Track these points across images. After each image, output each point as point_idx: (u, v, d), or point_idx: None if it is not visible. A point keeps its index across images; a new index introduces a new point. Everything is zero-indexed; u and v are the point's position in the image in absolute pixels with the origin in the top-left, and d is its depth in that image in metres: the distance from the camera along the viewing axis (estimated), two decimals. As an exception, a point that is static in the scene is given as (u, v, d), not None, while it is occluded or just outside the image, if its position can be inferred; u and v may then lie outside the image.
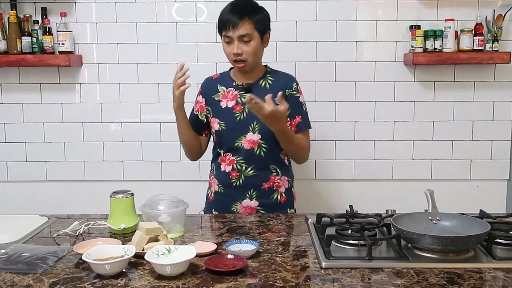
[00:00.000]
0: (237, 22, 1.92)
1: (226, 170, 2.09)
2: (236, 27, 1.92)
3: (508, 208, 2.86)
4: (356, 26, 2.77)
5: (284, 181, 2.13)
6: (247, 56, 1.97)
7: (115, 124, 2.85)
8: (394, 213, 1.80)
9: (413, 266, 1.42)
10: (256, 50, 1.98)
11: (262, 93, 1.93)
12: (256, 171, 2.06)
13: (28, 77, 2.80)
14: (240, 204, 2.09)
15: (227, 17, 1.95)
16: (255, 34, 1.96)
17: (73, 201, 2.83)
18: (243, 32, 1.93)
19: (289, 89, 2.08)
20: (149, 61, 2.79)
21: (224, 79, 2.13)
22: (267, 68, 2.13)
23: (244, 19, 1.93)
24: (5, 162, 2.87)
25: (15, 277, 1.38)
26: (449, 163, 2.85)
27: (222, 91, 2.09)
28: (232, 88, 2.08)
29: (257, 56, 2.01)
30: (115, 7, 2.76)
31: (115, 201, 1.77)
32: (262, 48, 2.04)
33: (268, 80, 2.08)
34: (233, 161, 2.07)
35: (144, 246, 1.52)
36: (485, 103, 2.81)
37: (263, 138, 2.04)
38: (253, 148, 2.04)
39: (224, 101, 2.08)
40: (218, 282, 1.33)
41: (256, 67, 2.07)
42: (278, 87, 2.04)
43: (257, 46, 1.98)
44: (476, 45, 2.64)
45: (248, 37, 1.94)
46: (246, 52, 1.96)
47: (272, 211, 2.07)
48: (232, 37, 1.94)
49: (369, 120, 2.83)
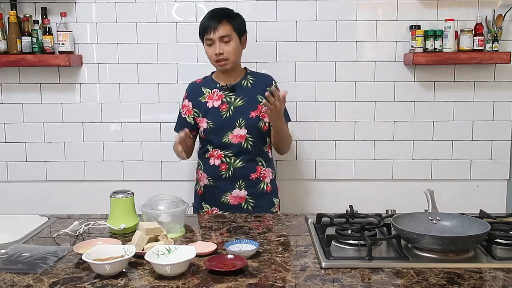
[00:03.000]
0: (217, 25, 2.11)
1: (215, 163, 2.22)
2: (216, 29, 2.10)
3: (508, 208, 2.86)
4: (356, 26, 2.77)
5: (269, 172, 2.29)
6: (228, 55, 2.13)
7: (115, 124, 2.84)
8: (394, 213, 1.80)
9: (413, 266, 1.42)
10: (235, 50, 2.15)
11: (245, 92, 2.22)
12: (244, 163, 2.20)
13: (28, 77, 2.80)
14: (230, 194, 2.22)
15: (207, 23, 2.13)
16: (234, 35, 2.14)
17: (73, 201, 2.83)
18: (223, 33, 2.11)
19: (269, 87, 2.18)
20: (149, 61, 2.79)
21: (208, 82, 2.28)
22: (247, 70, 2.30)
23: (223, 22, 2.12)
24: (5, 162, 2.87)
25: (15, 277, 1.38)
26: (449, 163, 2.85)
27: (207, 93, 2.24)
28: (216, 89, 2.23)
29: (237, 55, 2.18)
30: (115, 7, 2.76)
31: (115, 201, 1.77)
32: (241, 49, 2.21)
33: (249, 80, 2.25)
34: (221, 155, 2.21)
35: (144, 246, 1.52)
36: (485, 103, 2.81)
37: (249, 133, 2.19)
38: (241, 142, 2.19)
39: (210, 101, 2.22)
40: (218, 282, 1.33)
41: (236, 68, 2.23)
42: (259, 85, 2.23)
43: (236, 46, 2.15)
44: (476, 45, 2.64)
45: (228, 37, 2.12)
46: (227, 51, 2.12)
47: (259, 199, 2.23)
48: (213, 39, 2.12)
49: (369, 120, 2.82)
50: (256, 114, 2.19)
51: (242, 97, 2.20)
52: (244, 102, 2.20)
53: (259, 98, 2.19)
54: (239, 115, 2.18)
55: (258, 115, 2.20)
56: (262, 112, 2.17)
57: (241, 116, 2.18)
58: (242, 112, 2.18)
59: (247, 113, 2.19)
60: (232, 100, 2.20)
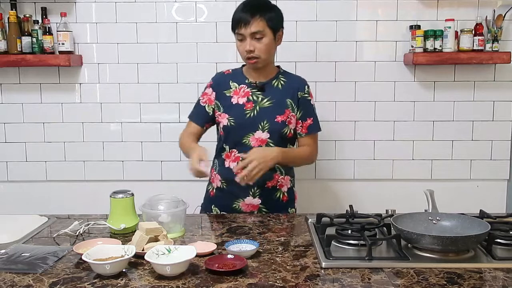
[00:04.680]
0: (249, 19, 1.94)
1: (230, 166, 2.07)
2: (248, 24, 1.94)
3: (508, 208, 2.86)
4: (356, 26, 2.77)
5: (287, 180, 2.13)
6: (259, 53, 1.97)
7: (115, 124, 2.84)
8: (394, 213, 1.80)
9: (413, 266, 1.42)
10: (268, 47, 1.99)
11: (274, 93, 2.07)
12: None
13: (28, 77, 2.80)
14: (242, 201, 2.08)
15: (239, 16, 1.96)
16: (267, 31, 1.96)
17: (73, 201, 2.82)
18: (254, 29, 1.94)
19: (301, 92, 2.10)
20: (149, 61, 2.79)
21: (237, 75, 2.13)
22: (280, 69, 2.15)
23: (256, 17, 1.94)
24: (5, 162, 2.87)
25: (15, 277, 1.38)
26: (449, 163, 2.85)
27: (234, 87, 2.09)
28: (244, 85, 2.08)
29: (269, 53, 2.02)
30: (115, 7, 2.76)
31: (115, 201, 1.77)
32: (275, 46, 2.05)
33: (280, 80, 2.10)
34: (239, 158, 2.03)
35: (144, 246, 1.52)
36: (485, 103, 2.81)
37: (271, 137, 2.04)
38: (261, 146, 2.04)
39: (235, 97, 2.07)
40: (218, 282, 1.33)
41: (268, 65, 2.08)
42: (290, 88, 2.08)
43: (269, 43, 1.98)
44: (476, 45, 2.64)
45: (260, 34, 1.95)
46: (258, 49, 1.97)
47: (273, 209, 2.08)
48: (244, 34, 1.96)
49: (369, 120, 2.83)
50: (282, 119, 2.03)
51: (270, 98, 2.05)
52: (271, 104, 2.04)
53: (288, 102, 2.05)
54: (264, 117, 2.03)
55: (285, 120, 2.04)
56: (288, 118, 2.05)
57: (265, 118, 2.03)
58: (267, 114, 2.03)
59: (273, 116, 2.03)
60: (259, 100, 2.05)
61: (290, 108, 2.06)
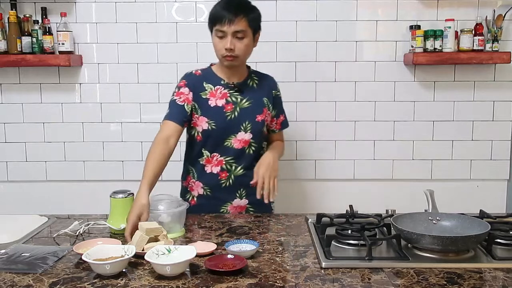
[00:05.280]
0: (233, 18, 1.90)
1: (213, 171, 2.05)
2: (232, 22, 1.90)
3: (508, 208, 2.86)
4: (356, 26, 2.77)
5: None
6: (239, 52, 1.95)
7: (115, 124, 2.84)
8: (394, 213, 1.80)
9: (413, 266, 1.42)
10: (247, 48, 1.98)
11: (251, 93, 2.08)
12: (245, 170, 2.05)
13: (28, 77, 2.80)
14: (230, 205, 2.08)
15: (222, 13, 1.92)
16: (248, 31, 1.95)
17: (73, 201, 2.82)
18: (238, 28, 1.92)
19: (275, 90, 2.15)
20: (149, 61, 2.79)
21: (209, 76, 2.07)
22: (250, 68, 2.14)
23: (240, 16, 1.92)
24: (5, 162, 2.87)
25: (15, 277, 1.38)
26: (449, 163, 2.85)
27: (209, 88, 2.04)
28: (220, 86, 2.05)
29: (247, 53, 2.01)
30: (115, 7, 2.76)
31: (115, 201, 1.77)
32: (252, 47, 2.03)
33: (254, 80, 2.11)
34: (222, 162, 2.04)
35: (144, 246, 1.52)
36: (485, 103, 2.81)
37: (254, 137, 2.06)
38: (244, 147, 2.04)
39: (212, 99, 2.03)
40: (218, 282, 1.33)
41: (242, 65, 2.07)
42: (264, 87, 2.12)
43: (249, 43, 1.97)
44: (476, 45, 2.64)
45: (242, 33, 1.93)
46: (238, 48, 1.94)
47: (260, 208, 2.09)
48: (226, 32, 1.92)
49: (369, 120, 2.82)
50: (262, 118, 2.06)
51: (248, 98, 2.05)
52: (250, 104, 2.04)
53: (265, 101, 2.08)
54: (245, 117, 2.03)
55: (264, 119, 2.07)
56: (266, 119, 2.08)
57: (247, 119, 2.03)
58: (248, 114, 2.03)
59: (254, 116, 2.04)
60: (238, 101, 2.03)
61: (267, 107, 2.09)
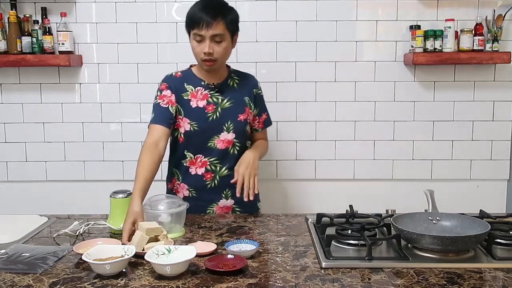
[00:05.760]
0: (211, 21, 1.87)
1: (198, 172, 2.04)
2: (210, 26, 1.88)
3: (508, 208, 2.86)
4: (356, 26, 2.77)
5: None
6: (217, 56, 1.93)
7: (115, 124, 2.84)
8: (394, 213, 1.80)
9: (413, 266, 1.42)
10: (226, 51, 1.96)
11: (232, 92, 2.06)
12: (230, 170, 2.03)
13: (28, 77, 2.80)
14: (216, 205, 2.07)
15: (199, 16, 1.89)
16: (226, 34, 1.92)
17: (73, 201, 2.82)
18: (216, 32, 1.89)
19: (256, 89, 2.13)
20: (149, 61, 2.79)
21: (190, 77, 2.06)
22: (230, 68, 2.12)
23: (218, 19, 1.89)
24: (5, 162, 2.87)
25: (15, 277, 1.38)
26: (449, 163, 2.85)
27: (190, 90, 2.03)
28: (200, 87, 2.04)
29: (226, 56, 1.99)
30: (115, 7, 2.76)
31: (115, 201, 1.77)
32: (231, 49, 2.01)
33: (234, 80, 2.10)
34: (206, 163, 2.03)
35: (145, 246, 1.52)
36: (485, 103, 2.81)
37: (237, 137, 2.05)
38: (228, 147, 2.03)
39: (193, 100, 2.02)
40: (218, 282, 1.33)
41: (222, 66, 2.06)
42: (245, 86, 2.10)
43: (227, 46, 1.95)
44: (476, 45, 2.64)
45: (220, 37, 1.91)
46: (217, 52, 1.92)
47: (246, 208, 2.08)
48: (204, 36, 1.90)
49: (369, 120, 2.82)
50: (244, 117, 2.05)
51: (229, 98, 2.04)
52: (231, 104, 2.03)
53: (246, 100, 2.07)
54: (227, 117, 2.02)
55: (246, 118, 2.06)
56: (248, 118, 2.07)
57: (229, 119, 2.02)
58: (230, 114, 2.03)
59: (236, 116, 2.03)
60: (219, 101, 2.02)
61: (248, 106, 2.08)
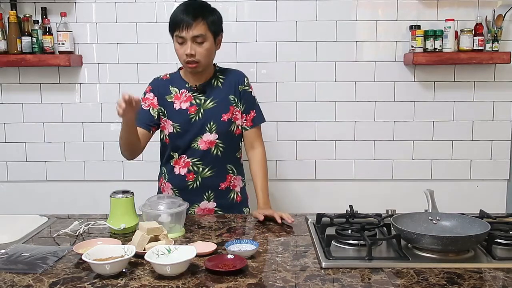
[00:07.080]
0: (191, 22, 1.88)
1: (181, 172, 2.06)
2: (190, 27, 1.88)
3: (508, 208, 2.86)
4: (356, 26, 2.77)
5: (239, 180, 2.15)
6: (200, 57, 1.93)
7: (115, 124, 2.84)
8: (394, 213, 1.80)
9: (413, 266, 1.42)
10: (209, 52, 1.95)
11: (216, 92, 2.04)
12: (213, 172, 2.05)
13: (28, 77, 2.80)
14: (197, 207, 2.08)
15: (180, 17, 1.89)
16: (208, 35, 1.92)
17: (73, 201, 2.83)
18: (197, 32, 1.89)
19: (242, 85, 2.09)
20: (149, 61, 2.79)
21: (175, 80, 2.08)
22: (216, 67, 2.11)
23: (198, 20, 1.89)
24: (5, 162, 2.87)
25: (15, 277, 1.38)
26: (449, 163, 2.85)
27: (174, 92, 2.05)
28: (184, 90, 2.05)
29: (209, 57, 1.98)
30: (115, 7, 2.76)
31: (115, 201, 1.77)
32: (215, 50, 2.00)
33: (219, 79, 2.07)
34: (189, 163, 2.05)
35: (145, 246, 1.52)
36: (485, 103, 2.81)
37: (220, 138, 2.04)
38: (210, 148, 2.03)
39: (177, 102, 2.04)
40: (218, 282, 1.33)
41: (208, 68, 2.04)
42: (230, 84, 2.07)
43: (210, 47, 1.94)
44: (476, 45, 2.64)
45: (201, 38, 1.90)
46: (199, 53, 1.92)
47: (228, 211, 2.07)
48: (185, 37, 1.90)
49: (369, 120, 2.83)
50: (228, 117, 2.03)
51: (213, 98, 2.03)
52: (215, 104, 2.02)
53: (231, 98, 2.04)
54: (209, 118, 2.01)
55: (231, 117, 2.04)
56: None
57: (211, 119, 2.01)
58: (213, 115, 2.02)
59: (219, 116, 2.02)
60: (202, 102, 2.02)
61: (234, 104, 2.05)
